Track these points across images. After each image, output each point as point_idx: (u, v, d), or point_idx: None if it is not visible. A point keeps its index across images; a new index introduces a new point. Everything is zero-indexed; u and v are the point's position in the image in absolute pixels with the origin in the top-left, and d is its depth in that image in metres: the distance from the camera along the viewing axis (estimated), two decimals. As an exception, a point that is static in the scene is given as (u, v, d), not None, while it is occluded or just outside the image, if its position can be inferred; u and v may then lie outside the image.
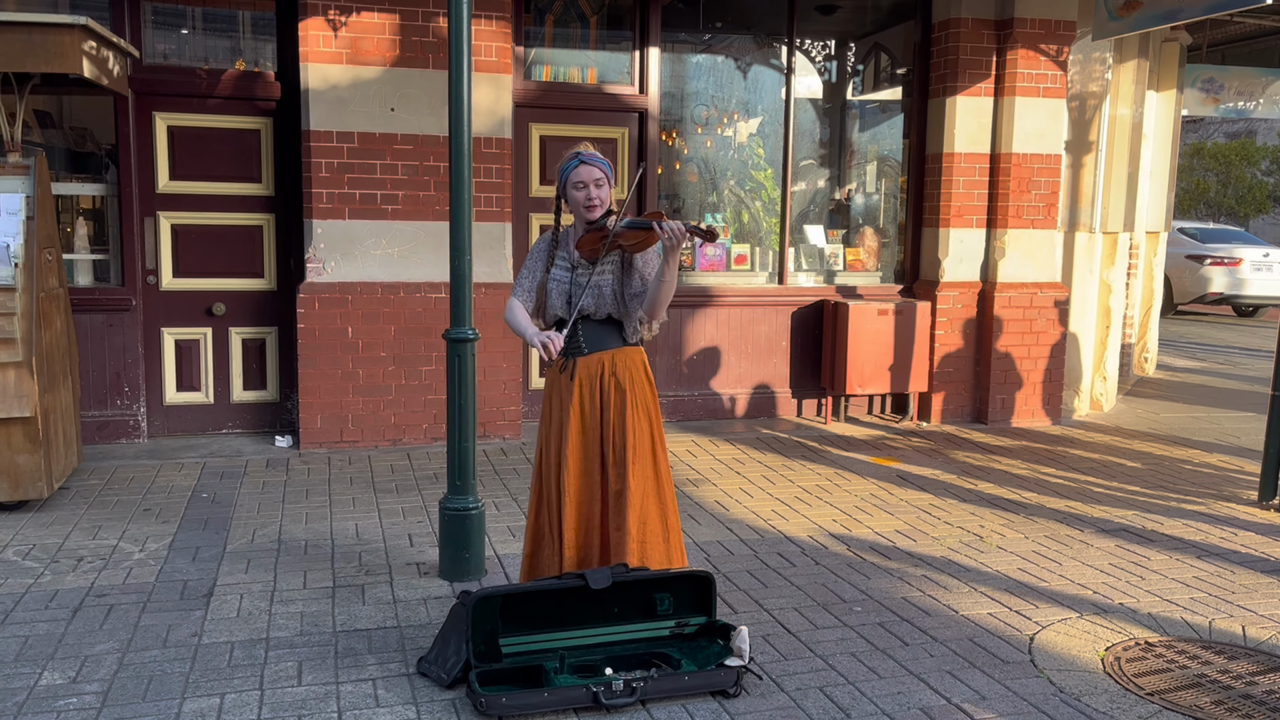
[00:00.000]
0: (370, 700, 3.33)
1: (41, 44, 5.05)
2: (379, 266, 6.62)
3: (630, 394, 3.62)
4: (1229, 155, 26.60)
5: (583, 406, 3.64)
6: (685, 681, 3.35)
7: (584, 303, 3.61)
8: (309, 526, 5.09)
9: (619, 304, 3.63)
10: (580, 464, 3.64)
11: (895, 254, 8.14)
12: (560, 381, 3.70)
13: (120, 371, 6.64)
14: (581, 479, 3.65)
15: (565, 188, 3.65)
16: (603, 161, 3.66)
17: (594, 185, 3.60)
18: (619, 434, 3.61)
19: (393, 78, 6.53)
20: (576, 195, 3.61)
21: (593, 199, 3.60)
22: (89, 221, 6.74)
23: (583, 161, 3.61)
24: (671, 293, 3.55)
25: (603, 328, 3.66)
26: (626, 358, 3.66)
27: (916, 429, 7.60)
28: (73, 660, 3.58)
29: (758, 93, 7.86)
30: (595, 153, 3.67)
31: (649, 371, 3.73)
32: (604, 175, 3.63)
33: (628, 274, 3.63)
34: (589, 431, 3.64)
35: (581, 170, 3.60)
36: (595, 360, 3.64)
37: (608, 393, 3.62)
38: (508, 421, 6.89)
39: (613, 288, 3.62)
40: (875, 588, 4.40)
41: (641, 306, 3.59)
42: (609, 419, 3.62)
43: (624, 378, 3.63)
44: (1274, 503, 5.75)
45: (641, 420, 3.64)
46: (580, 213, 3.64)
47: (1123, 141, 8.39)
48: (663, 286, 3.51)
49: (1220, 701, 3.43)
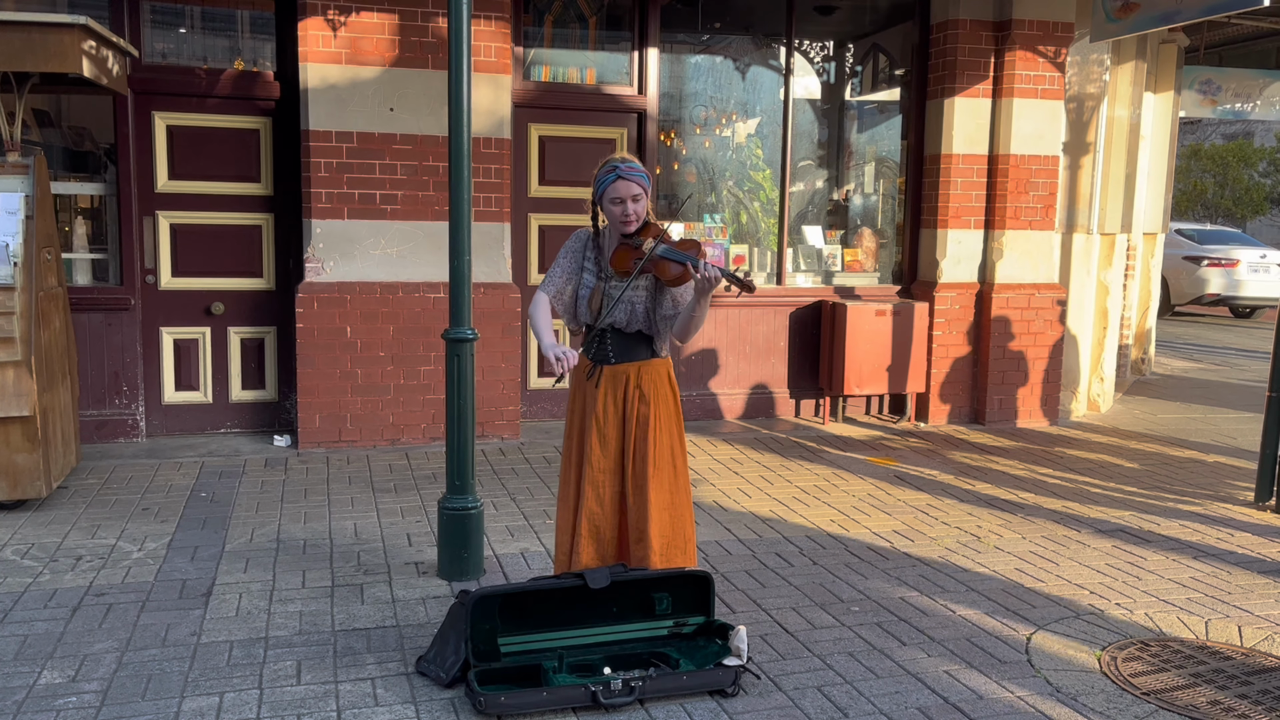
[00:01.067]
0: (369, 699, 3.33)
1: (41, 43, 5.05)
2: (378, 266, 6.63)
3: (655, 405, 3.61)
4: (1226, 157, 26.63)
5: (607, 415, 3.63)
6: (684, 681, 3.35)
7: (616, 316, 3.58)
8: (308, 526, 5.10)
9: (650, 322, 3.61)
10: (597, 473, 3.64)
11: (893, 255, 8.15)
12: (586, 388, 3.69)
13: (119, 371, 6.64)
14: (597, 488, 3.65)
15: (601, 199, 3.55)
16: (642, 174, 3.53)
17: (631, 200, 3.50)
18: (641, 445, 3.60)
19: (392, 78, 6.54)
20: (613, 210, 3.53)
21: (629, 214, 3.51)
22: (88, 221, 6.75)
23: (620, 176, 3.49)
24: (702, 323, 3.53)
25: (632, 339, 3.63)
26: (654, 369, 3.65)
27: (914, 429, 7.61)
28: (72, 659, 3.58)
29: (756, 93, 7.87)
30: (634, 162, 3.54)
31: (674, 383, 3.71)
32: (642, 189, 3.52)
33: (660, 295, 3.59)
34: (611, 441, 3.63)
35: (619, 186, 3.49)
36: (622, 371, 3.63)
37: (632, 403, 3.62)
38: (506, 421, 6.90)
39: (645, 305, 3.59)
40: (873, 588, 4.41)
41: (671, 329, 3.58)
42: (631, 430, 3.61)
43: (649, 389, 3.62)
44: (1270, 504, 5.77)
45: (663, 433, 3.63)
46: (616, 226, 3.58)
47: (1120, 143, 8.40)
48: (693, 319, 3.49)
49: (1216, 701, 3.44)
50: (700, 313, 3.48)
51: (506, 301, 6.80)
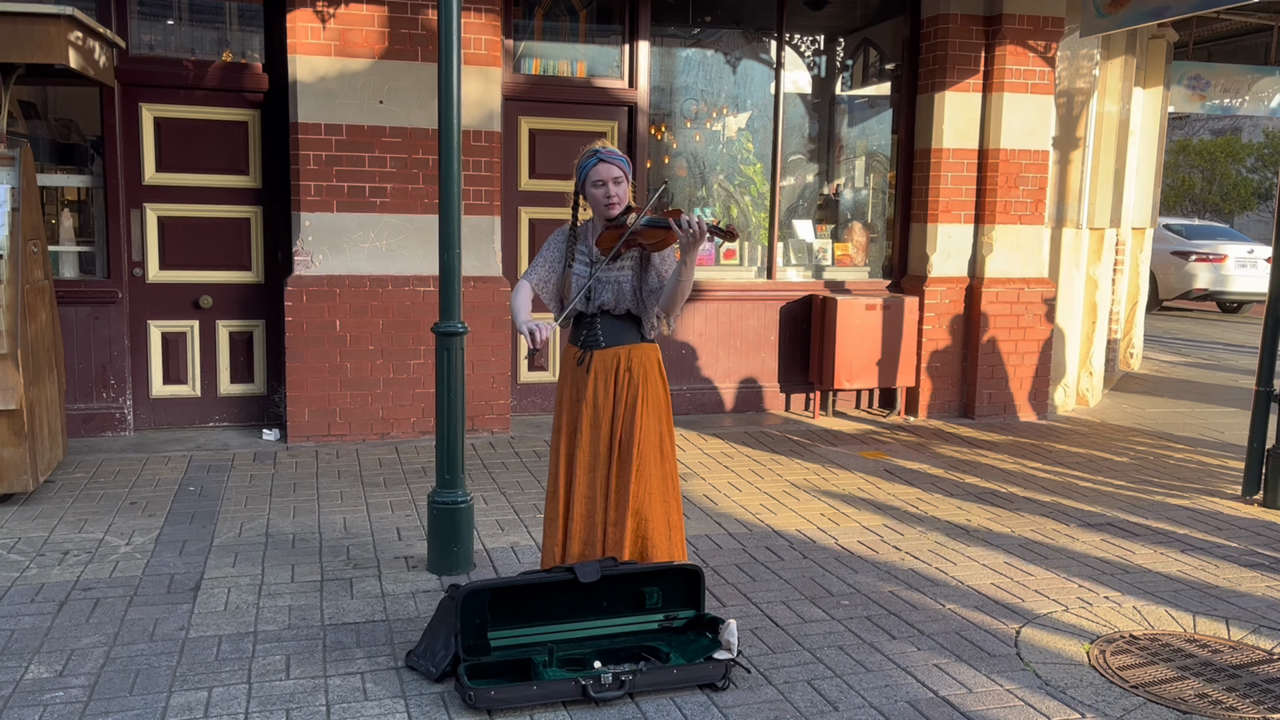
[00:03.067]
0: (359, 694, 3.32)
1: (27, 34, 5.01)
2: (367, 260, 6.60)
3: (643, 390, 3.65)
4: (1214, 152, 26.71)
5: (596, 400, 3.65)
6: (674, 674, 3.35)
7: (603, 298, 3.63)
8: (297, 520, 5.08)
9: (637, 300, 3.66)
10: (589, 458, 3.67)
11: (883, 249, 8.16)
12: (576, 374, 3.72)
13: (106, 364, 6.60)
14: (589, 473, 3.67)
15: (584, 185, 3.65)
16: (621, 159, 3.66)
17: (613, 183, 3.61)
18: (627, 429, 3.63)
19: (381, 70, 6.50)
20: (595, 193, 3.62)
21: (611, 196, 3.61)
22: (74, 213, 6.70)
23: (601, 159, 3.61)
24: (688, 291, 3.57)
25: (621, 323, 3.68)
26: (643, 354, 3.69)
27: (904, 423, 7.63)
28: (59, 654, 3.56)
29: (747, 87, 7.85)
30: (614, 149, 3.66)
31: (663, 369, 3.76)
32: (623, 172, 3.63)
33: (646, 271, 3.65)
34: (599, 425, 3.66)
35: (601, 168, 3.60)
36: (611, 354, 3.66)
37: (621, 387, 3.65)
38: (496, 415, 6.88)
39: (632, 283, 3.65)
40: (862, 582, 4.42)
41: (658, 303, 3.61)
42: (619, 413, 3.64)
43: (638, 373, 3.65)
44: (1257, 497, 5.80)
45: (650, 418, 3.66)
46: (600, 210, 3.65)
47: (1110, 138, 8.42)
48: (679, 284, 3.53)
49: (1204, 694, 3.45)
50: (686, 277, 3.51)
51: (497, 295, 6.78)
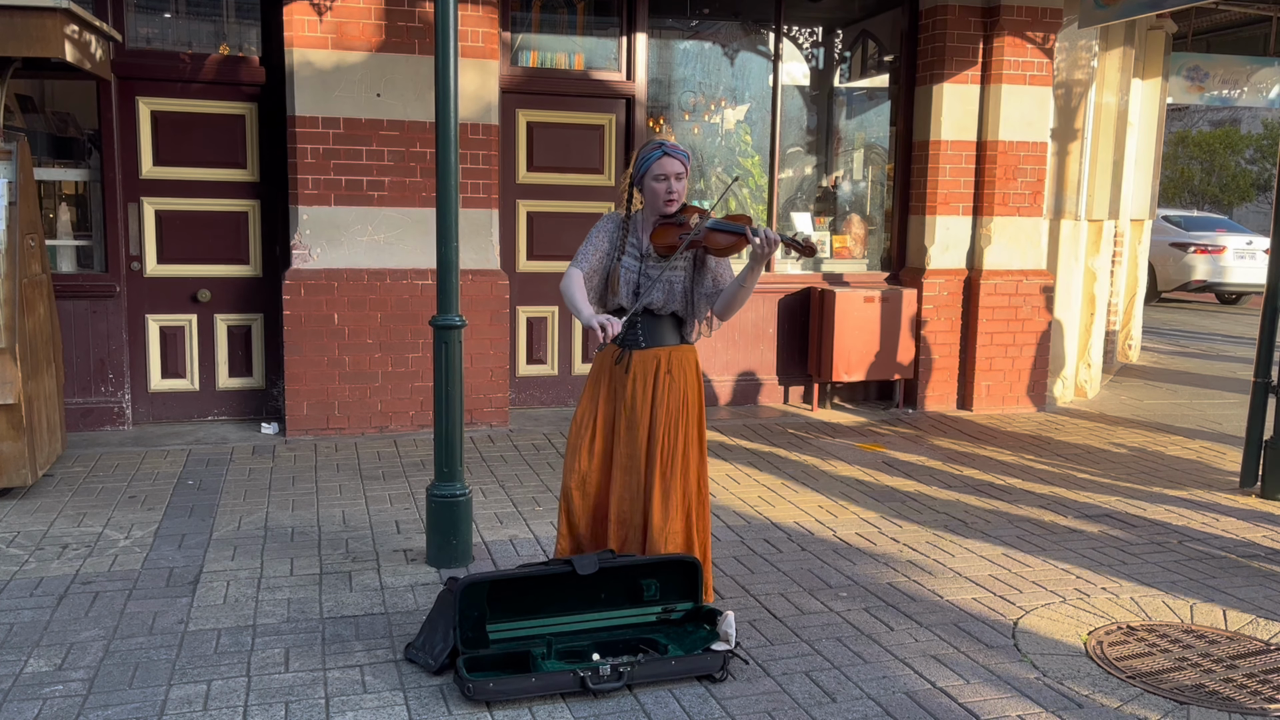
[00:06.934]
0: (358, 686, 3.33)
1: (23, 27, 5.00)
2: (365, 253, 6.60)
3: (684, 391, 3.62)
4: (1213, 143, 26.70)
5: (635, 402, 3.61)
6: (672, 666, 3.36)
7: (653, 297, 3.56)
8: (295, 513, 5.09)
9: (687, 302, 3.61)
10: (625, 459, 3.64)
11: (882, 241, 8.15)
12: (615, 373, 3.67)
13: (104, 358, 6.60)
14: (626, 474, 3.65)
15: (643, 178, 3.58)
16: (685, 154, 3.59)
17: (674, 179, 3.55)
18: (662, 431, 3.60)
19: (379, 63, 6.49)
20: (656, 187, 3.56)
21: (673, 192, 3.55)
22: (72, 207, 6.69)
23: (666, 153, 3.54)
24: (748, 298, 3.52)
25: (663, 323, 3.63)
26: (682, 356, 3.66)
27: (902, 415, 7.63)
28: (58, 647, 3.57)
29: (745, 79, 7.84)
30: (677, 144, 3.61)
31: (699, 372, 3.72)
32: (685, 168, 3.57)
33: (700, 273, 3.59)
34: (636, 427, 3.62)
35: (665, 162, 3.53)
36: (651, 355, 3.62)
37: (660, 390, 3.61)
38: (495, 408, 6.89)
39: (684, 285, 3.59)
40: (860, 573, 4.43)
41: (712, 307, 3.57)
42: (657, 415, 3.61)
43: (678, 376, 3.62)
44: (1255, 488, 5.81)
45: (684, 421, 3.63)
46: (658, 205, 3.58)
47: (1108, 129, 8.41)
48: (741, 292, 3.48)
49: (1201, 684, 3.46)
50: (750, 283, 3.47)
51: (495, 288, 6.78)
